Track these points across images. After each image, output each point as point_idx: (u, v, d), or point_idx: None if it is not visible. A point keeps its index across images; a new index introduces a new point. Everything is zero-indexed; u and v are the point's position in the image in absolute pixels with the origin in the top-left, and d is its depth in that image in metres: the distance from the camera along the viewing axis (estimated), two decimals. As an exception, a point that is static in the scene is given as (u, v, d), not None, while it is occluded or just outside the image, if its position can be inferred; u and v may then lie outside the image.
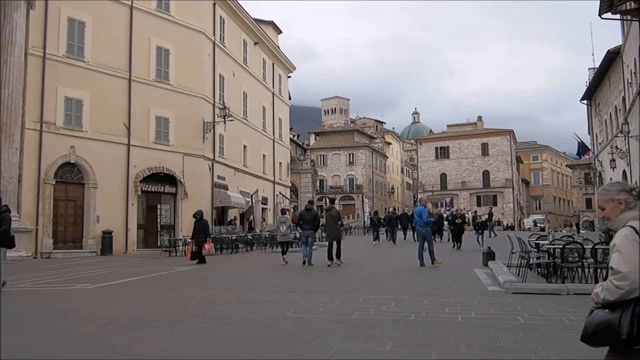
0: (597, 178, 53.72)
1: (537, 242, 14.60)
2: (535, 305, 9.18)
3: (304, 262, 17.23)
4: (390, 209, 36.10)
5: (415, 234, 21.07)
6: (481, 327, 7.58)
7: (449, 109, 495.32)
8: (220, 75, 33.26)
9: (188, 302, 10.16)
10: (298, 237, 24.23)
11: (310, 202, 19.45)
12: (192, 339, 7.00)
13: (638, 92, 32.50)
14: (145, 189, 28.00)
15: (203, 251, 19.04)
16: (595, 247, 11.36)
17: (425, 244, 16.45)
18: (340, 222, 17.81)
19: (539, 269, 13.67)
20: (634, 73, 33.38)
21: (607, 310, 3.10)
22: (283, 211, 20.99)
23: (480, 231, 26.30)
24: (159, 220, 29.31)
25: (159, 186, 28.89)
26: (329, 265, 16.83)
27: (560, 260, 11.68)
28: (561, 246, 11.76)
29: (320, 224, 20.36)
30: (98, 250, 25.30)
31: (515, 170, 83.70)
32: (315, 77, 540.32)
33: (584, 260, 11.61)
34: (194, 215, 19.77)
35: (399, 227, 32.70)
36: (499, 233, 42.47)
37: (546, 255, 13.69)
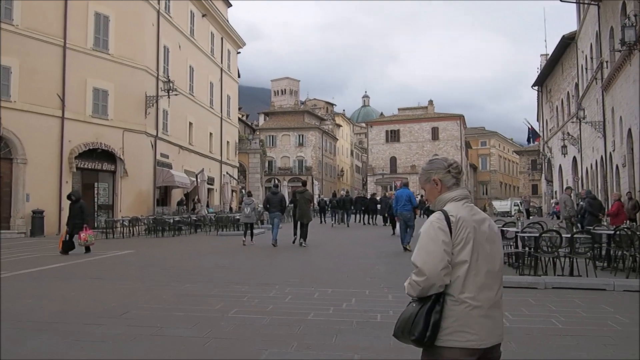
0: (546, 164, 53.92)
1: (502, 229, 13.51)
2: (516, 302, 8.06)
3: (274, 244, 17.47)
4: (343, 192, 34.95)
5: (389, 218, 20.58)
6: (462, 331, 6.39)
7: (393, 94, 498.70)
8: (164, 46, 31.23)
9: (112, 297, 8.59)
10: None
11: (276, 186, 19.75)
12: (102, 351, 5.55)
13: (593, 77, 32.14)
14: (81, 165, 25.92)
15: (79, 241, 15.55)
16: (574, 235, 10.38)
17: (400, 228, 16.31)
18: (311, 204, 18.70)
19: (505, 259, 12.65)
20: (591, 58, 32.99)
21: (414, 304, 2.75)
22: (249, 193, 21.44)
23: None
24: (96, 199, 27.23)
25: (97, 163, 26.82)
26: (301, 244, 17.38)
27: (535, 250, 10.61)
28: (537, 234, 10.69)
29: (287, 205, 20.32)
30: (27, 231, 23.26)
31: (464, 155, 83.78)
32: (262, 59, 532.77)
33: (559, 250, 10.60)
34: (69, 197, 16.79)
35: (352, 209, 31.76)
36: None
37: (513, 244, 12.71)
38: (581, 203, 19.30)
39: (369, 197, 34.71)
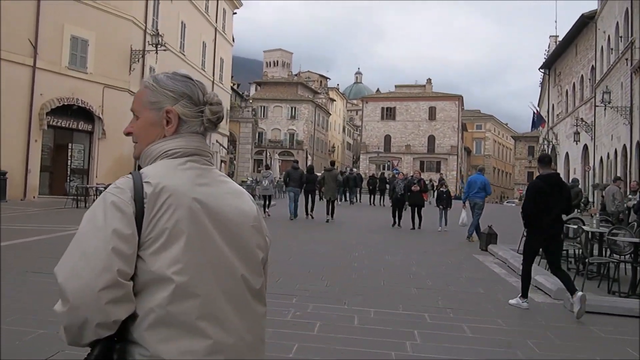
0: (550, 152, 51.57)
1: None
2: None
3: (291, 218, 18.32)
4: (348, 169, 32.31)
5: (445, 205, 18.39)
6: None
7: (382, 71, 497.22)
8: (155, -3, 28.11)
9: (33, 314, 5.71)
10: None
11: (296, 162, 21.43)
12: None
13: (619, 58, 29.63)
14: (54, 123, 22.90)
15: None
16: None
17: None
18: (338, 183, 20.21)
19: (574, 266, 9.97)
20: (619, 37, 30.37)
21: None
22: (267, 166, 22.13)
23: (443, 206, 18.08)
24: (69, 162, 24.34)
25: (72, 121, 23.77)
26: (327, 221, 18.28)
27: (635, 260, 7.93)
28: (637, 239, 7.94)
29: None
30: (-13, 194, 20.35)
31: (461, 138, 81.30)
32: (249, 28, 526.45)
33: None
34: None
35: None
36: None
37: (579, 246, 10.02)
38: (630, 196, 16.72)
39: (378, 176, 32.18)
